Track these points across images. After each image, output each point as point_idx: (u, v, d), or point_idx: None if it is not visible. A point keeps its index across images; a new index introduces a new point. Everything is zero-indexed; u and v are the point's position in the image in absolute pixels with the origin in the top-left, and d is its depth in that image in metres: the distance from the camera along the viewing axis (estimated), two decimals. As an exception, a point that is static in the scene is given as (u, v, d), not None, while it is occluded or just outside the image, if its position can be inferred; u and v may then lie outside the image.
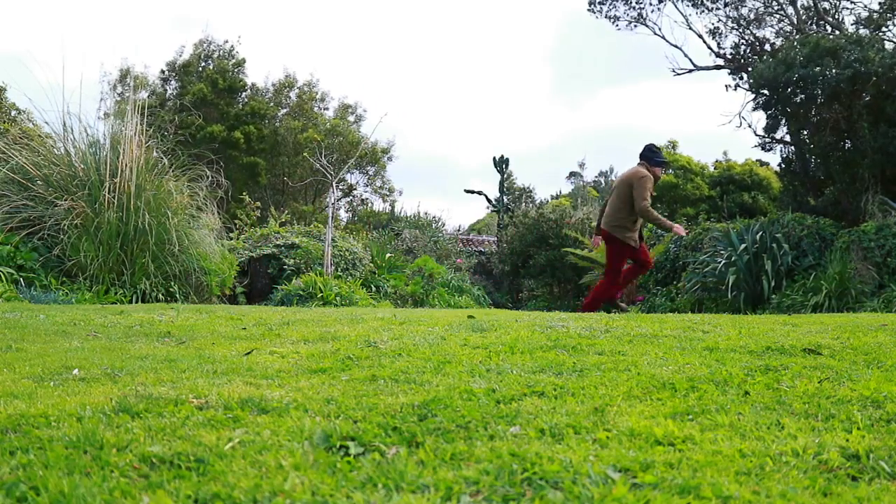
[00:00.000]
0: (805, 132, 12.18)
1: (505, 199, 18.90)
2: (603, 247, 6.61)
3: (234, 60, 21.31)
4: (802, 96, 11.07)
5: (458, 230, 21.92)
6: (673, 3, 15.01)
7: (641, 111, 62.39)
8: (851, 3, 14.00)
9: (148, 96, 18.89)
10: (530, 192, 30.79)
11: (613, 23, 15.61)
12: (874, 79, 10.35)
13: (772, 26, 14.72)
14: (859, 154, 10.93)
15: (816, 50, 10.54)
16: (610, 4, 15.46)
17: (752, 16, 14.48)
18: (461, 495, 1.06)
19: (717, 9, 14.72)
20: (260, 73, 40.07)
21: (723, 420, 1.49)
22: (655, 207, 10.19)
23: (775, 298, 9.01)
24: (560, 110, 69.62)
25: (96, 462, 1.19)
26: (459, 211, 62.59)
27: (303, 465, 1.19)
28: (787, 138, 12.95)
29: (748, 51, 14.64)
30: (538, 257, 12.85)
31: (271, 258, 9.45)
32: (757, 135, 13.56)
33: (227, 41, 21.67)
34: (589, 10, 15.82)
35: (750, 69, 13.38)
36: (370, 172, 22.91)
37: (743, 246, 9.68)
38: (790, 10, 14.26)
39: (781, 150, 13.37)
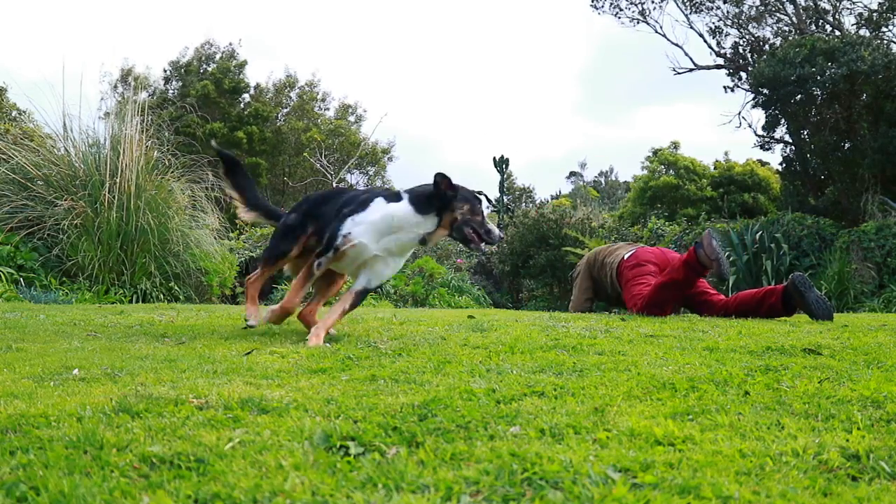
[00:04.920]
0: (805, 132, 12.18)
1: (505, 199, 18.89)
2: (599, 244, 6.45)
3: (236, 62, 21.43)
4: (802, 96, 11.07)
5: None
6: (674, 0, 15.05)
7: (646, 117, 62.62)
8: (851, 2, 14.00)
9: (149, 96, 18.90)
10: (530, 192, 30.82)
11: (616, 15, 15.64)
12: (871, 77, 10.36)
13: (771, 26, 14.73)
14: (859, 154, 10.93)
15: (813, 51, 10.55)
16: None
17: (752, 13, 14.49)
18: (461, 495, 1.06)
19: (717, 7, 14.74)
20: (262, 74, 40.03)
21: (723, 420, 1.49)
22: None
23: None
24: (564, 115, 69.63)
25: (96, 462, 1.19)
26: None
27: (303, 465, 1.19)
28: (787, 138, 12.96)
29: (748, 50, 14.65)
30: (538, 257, 12.85)
31: (271, 258, 9.43)
32: (757, 134, 13.57)
33: (230, 43, 21.91)
34: (591, 6, 15.84)
35: (750, 68, 13.39)
36: (370, 172, 22.92)
37: (742, 245, 9.68)
38: (790, 7, 14.26)
39: (782, 150, 13.38)
